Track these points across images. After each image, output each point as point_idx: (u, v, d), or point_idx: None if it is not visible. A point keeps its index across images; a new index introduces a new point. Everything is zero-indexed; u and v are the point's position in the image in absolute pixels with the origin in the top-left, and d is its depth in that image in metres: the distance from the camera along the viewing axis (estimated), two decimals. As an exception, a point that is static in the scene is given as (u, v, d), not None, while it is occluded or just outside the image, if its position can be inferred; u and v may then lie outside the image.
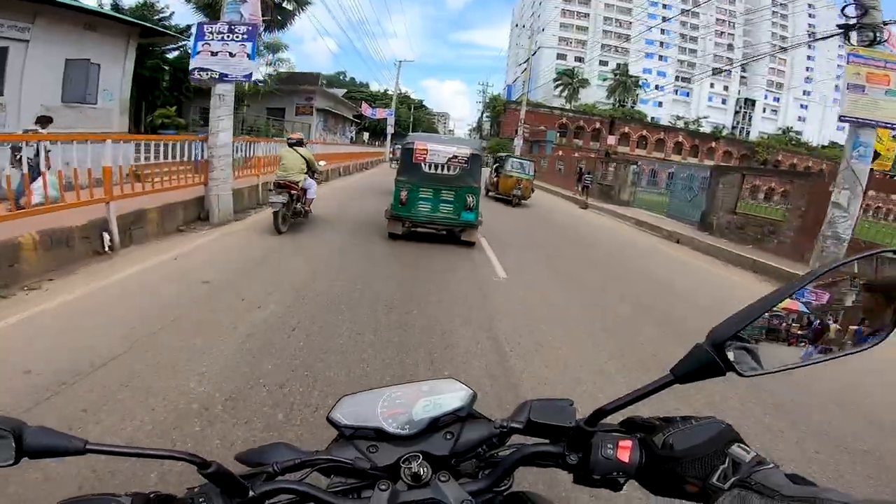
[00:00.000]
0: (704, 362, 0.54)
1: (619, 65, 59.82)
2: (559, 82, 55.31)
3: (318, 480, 0.62)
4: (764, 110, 68.96)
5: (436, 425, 0.65)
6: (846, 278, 0.57)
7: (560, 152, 35.14)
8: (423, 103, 65.45)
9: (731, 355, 0.54)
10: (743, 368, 0.55)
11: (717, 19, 66.26)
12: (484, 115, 61.36)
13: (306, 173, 7.26)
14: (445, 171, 6.91)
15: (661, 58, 62.67)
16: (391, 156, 31.21)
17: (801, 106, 71.13)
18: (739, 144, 53.38)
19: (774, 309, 0.55)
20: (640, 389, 0.58)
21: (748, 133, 63.68)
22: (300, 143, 7.44)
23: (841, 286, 0.57)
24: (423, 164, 6.89)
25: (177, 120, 16.77)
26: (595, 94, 59.14)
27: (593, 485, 0.60)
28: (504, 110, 46.39)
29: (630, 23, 67.97)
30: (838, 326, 0.56)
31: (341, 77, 52.07)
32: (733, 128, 63.33)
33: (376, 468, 0.62)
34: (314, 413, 2.40)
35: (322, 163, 8.63)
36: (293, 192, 6.95)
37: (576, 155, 30.12)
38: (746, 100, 65.58)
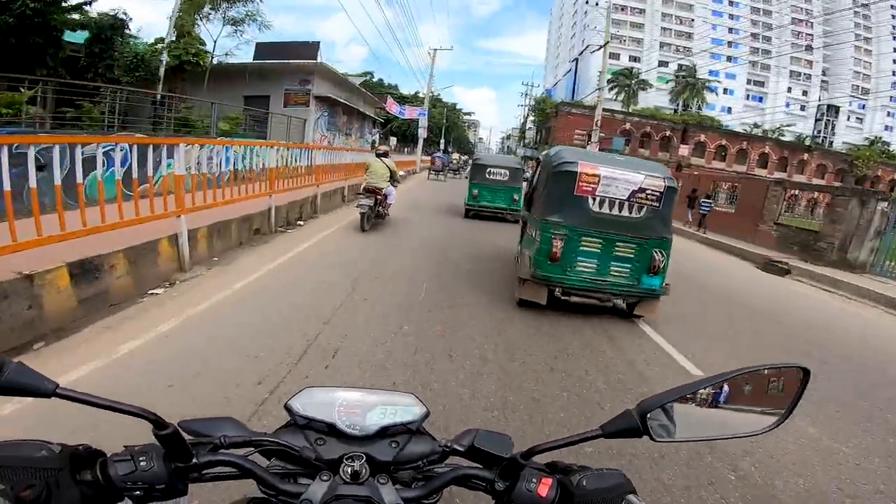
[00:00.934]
0: (628, 425, 0.64)
1: (680, 66, 52.69)
2: (614, 83, 48.60)
3: (260, 461, 0.65)
4: (848, 118, 60.19)
5: (385, 432, 0.68)
6: (758, 377, 0.69)
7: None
8: (457, 106, 59.18)
9: (651, 423, 0.64)
10: (657, 434, 0.65)
11: (793, 19, 58.30)
12: (528, 119, 55.51)
13: (389, 181, 8.62)
14: (625, 213, 4.47)
15: (729, 59, 55.06)
16: (430, 165, 26.60)
17: (889, 114, 62.08)
18: (834, 157, 45.17)
19: (698, 392, 0.66)
20: (571, 437, 0.65)
21: (831, 143, 55.20)
22: (386, 154, 9.02)
23: (751, 382, 0.69)
24: (589, 199, 4.44)
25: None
26: (653, 99, 52.24)
27: None
28: (556, 113, 40.09)
29: (692, 20, 60.80)
30: (744, 412, 0.69)
31: (368, 78, 47.08)
32: (814, 137, 54.90)
33: (320, 460, 0.65)
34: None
35: (402, 172, 12.72)
36: (378, 196, 8.28)
37: (692, 172, 23.39)
38: (829, 106, 56.98)
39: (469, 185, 11.53)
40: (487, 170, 11.25)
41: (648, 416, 0.64)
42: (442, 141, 40.73)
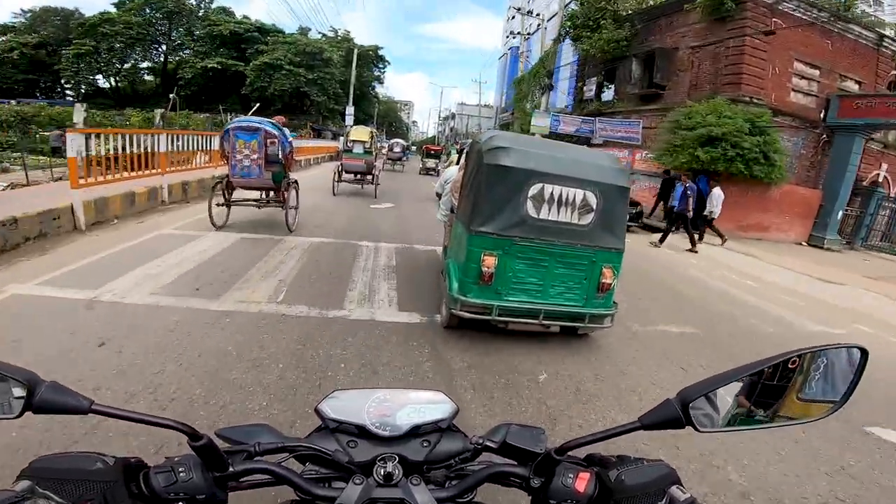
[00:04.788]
0: (669, 416, 0.61)
1: None
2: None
3: (294, 466, 0.65)
4: None
5: (416, 432, 0.68)
6: (807, 361, 0.63)
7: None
8: (382, 53, 49.17)
9: (693, 413, 0.61)
10: (701, 424, 0.61)
11: None
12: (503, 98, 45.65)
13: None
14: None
15: None
16: (386, 153, 21.83)
17: None
18: None
19: (744, 378, 0.62)
20: (608, 430, 0.63)
21: None
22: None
23: (802, 365, 0.63)
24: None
25: None
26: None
27: None
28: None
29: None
30: (793, 399, 0.63)
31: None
32: None
33: (353, 462, 0.65)
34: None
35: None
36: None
37: None
38: None
39: (469, 241, 3.60)
40: (533, 190, 3.53)
41: (691, 405, 0.61)
42: (350, 109, 31.36)
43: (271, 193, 6.70)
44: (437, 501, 0.61)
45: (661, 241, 10.11)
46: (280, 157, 6.16)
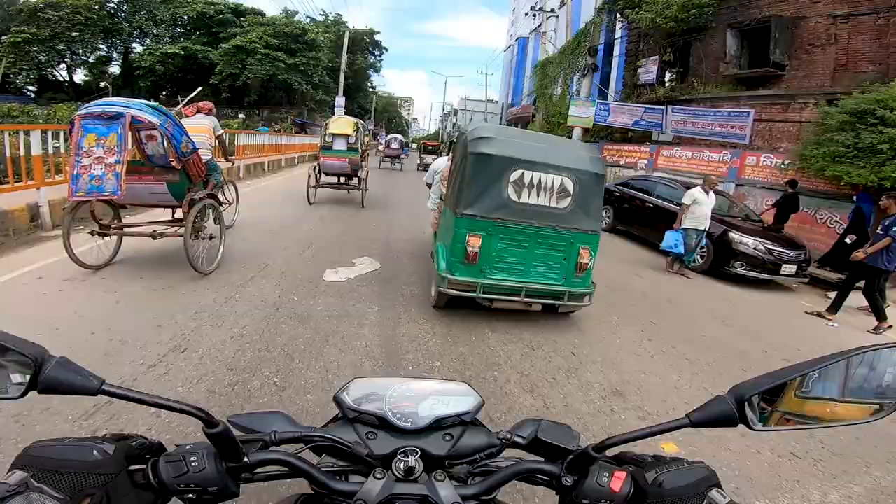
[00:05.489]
0: (722, 413, 0.57)
1: None
2: None
3: (308, 457, 0.62)
4: None
5: (438, 425, 0.66)
6: (864, 361, 0.59)
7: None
8: (377, 38, 43.19)
9: (748, 410, 0.58)
10: (756, 423, 0.58)
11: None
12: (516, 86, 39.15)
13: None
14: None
15: None
16: (384, 150, 20.63)
17: None
18: None
19: (797, 377, 0.58)
20: (654, 426, 0.60)
21: None
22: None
23: (857, 365, 0.59)
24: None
25: None
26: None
27: None
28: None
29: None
30: (850, 398, 0.59)
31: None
32: None
33: (372, 455, 0.62)
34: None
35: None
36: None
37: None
38: None
39: (456, 223, 3.86)
40: (514, 176, 3.83)
41: (746, 402, 0.58)
42: (341, 100, 26.48)
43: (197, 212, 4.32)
44: (462, 498, 0.58)
45: (835, 308, 5.82)
46: (172, 158, 4.11)
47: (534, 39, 49.07)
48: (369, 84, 45.54)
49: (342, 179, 9.71)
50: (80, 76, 34.90)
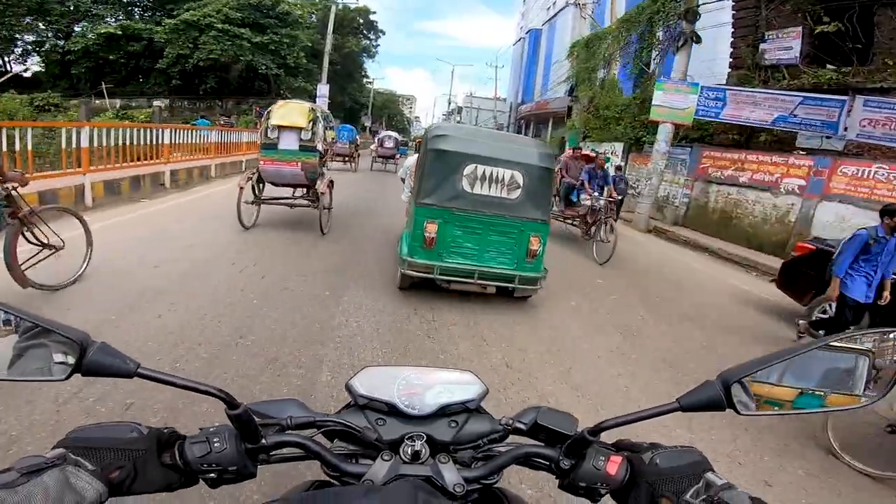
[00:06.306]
0: (711, 397, 0.59)
1: None
2: None
3: (322, 442, 0.65)
4: None
5: (444, 412, 0.68)
6: (851, 346, 0.60)
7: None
8: (374, 20, 36.48)
9: (735, 395, 0.59)
10: (742, 408, 0.59)
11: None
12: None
13: None
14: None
15: None
16: (375, 149, 17.84)
17: None
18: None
19: (784, 362, 0.59)
20: (646, 411, 0.61)
21: None
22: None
23: (843, 351, 0.60)
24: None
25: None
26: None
27: (576, 492, 0.64)
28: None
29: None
30: (835, 384, 0.61)
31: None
32: None
33: (381, 440, 0.65)
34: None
35: None
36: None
37: None
38: None
39: (415, 211, 4.39)
40: (468, 169, 4.26)
41: (732, 387, 0.59)
42: (324, 88, 21.25)
43: None
44: (464, 480, 0.61)
45: None
46: None
47: (547, 31, 43.30)
48: (363, 74, 39.22)
49: (296, 192, 6.97)
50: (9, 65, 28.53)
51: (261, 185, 6.46)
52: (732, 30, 11.97)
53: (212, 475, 0.57)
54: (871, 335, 0.60)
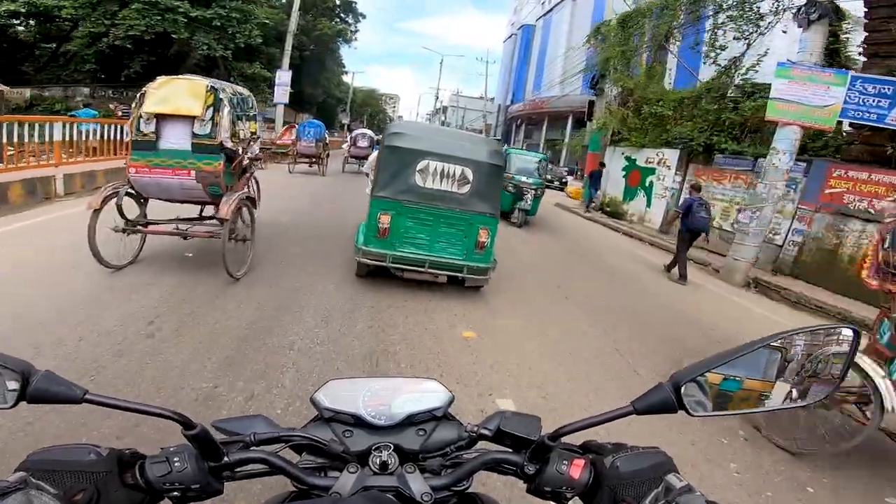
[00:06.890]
0: (662, 400, 0.59)
1: None
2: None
3: (291, 457, 0.64)
4: None
5: (411, 420, 0.67)
6: (801, 343, 0.62)
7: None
8: (354, 3, 32.15)
9: (685, 397, 0.59)
10: (693, 409, 0.60)
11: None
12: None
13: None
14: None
15: None
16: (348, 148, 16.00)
17: None
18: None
19: (735, 361, 0.60)
20: (601, 415, 0.61)
21: None
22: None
23: (791, 347, 0.62)
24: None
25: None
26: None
27: (543, 496, 0.64)
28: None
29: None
30: (787, 380, 0.62)
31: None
32: None
33: (348, 452, 0.64)
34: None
35: None
36: None
37: None
38: None
39: (371, 203, 4.58)
40: (420, 165, 4.47)
41: (682, 389, 0.60)
42: (286, 75, 17.80)
43: None
44: (431, 489, 0.60)
45: None
46: None
47: (542, 26, 39.90)
48: (339, 64, 34.66)
49: (202, 211, 5.14)
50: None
51: (142, 200, 4.58)
52: (866, 9, 8.19)
53: (175, 493, 0.56)
54: (792, 336, 0.61)
